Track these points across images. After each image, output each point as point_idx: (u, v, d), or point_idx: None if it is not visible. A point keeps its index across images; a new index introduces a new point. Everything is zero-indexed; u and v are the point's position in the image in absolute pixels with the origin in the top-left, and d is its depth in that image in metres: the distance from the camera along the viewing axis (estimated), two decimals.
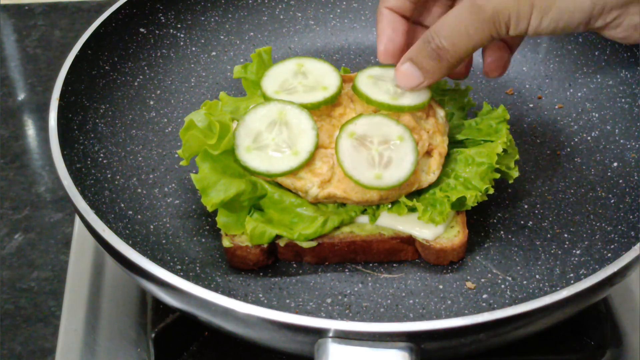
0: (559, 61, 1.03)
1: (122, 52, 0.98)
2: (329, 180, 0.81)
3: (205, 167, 0.80)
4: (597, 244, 0.84)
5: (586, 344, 0.85)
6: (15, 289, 0.95)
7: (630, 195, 0.87)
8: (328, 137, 0.82)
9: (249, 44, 1.07)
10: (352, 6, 1.11)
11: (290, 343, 0.71)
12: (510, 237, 0.86)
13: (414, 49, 0.80)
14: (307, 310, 0.79)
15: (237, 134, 0.82)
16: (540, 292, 0.80)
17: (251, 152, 0.81)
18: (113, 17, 0.97)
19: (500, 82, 1.04)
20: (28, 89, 1.23)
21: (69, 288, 0.90)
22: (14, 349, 0.89)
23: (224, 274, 0.82)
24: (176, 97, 1.00)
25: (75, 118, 0.88)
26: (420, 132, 0.83)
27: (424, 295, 0.81)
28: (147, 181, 0.90)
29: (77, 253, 0.93)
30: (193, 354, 0.84)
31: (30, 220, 1.02)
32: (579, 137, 0.96)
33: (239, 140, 0.82)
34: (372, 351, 0.66)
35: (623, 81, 0.96)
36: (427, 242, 0.82)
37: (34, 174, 1.09)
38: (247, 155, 0.81)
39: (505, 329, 0.69)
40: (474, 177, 0.83)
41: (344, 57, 1.08)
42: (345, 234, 0.83)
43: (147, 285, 0.74)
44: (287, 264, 0.84)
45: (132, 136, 0.94)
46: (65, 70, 0.89)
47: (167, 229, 0.85)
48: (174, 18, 1.04)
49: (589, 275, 0.71)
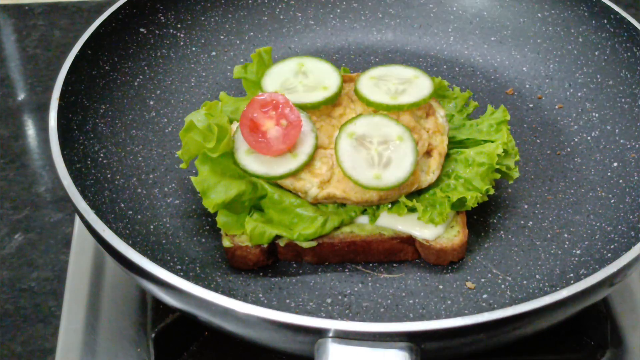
0: (559, 61, 1.03)
1: (122, 52, 0.98)
2: (329, 180, 0.81)
3: (205, 170, 0.80)
4: (597, 244, 0.84)
5: (586, 344, 0.85)
6: (15, 289, 0.95)
7: (630, 195, 0.87)
8: (327, 137, 0.82)
9: (249, 44, 1.07)
10: (352, 6, 1.11)
11: (290, 343, 0.71)
12: (510, 237, 0.86)
13: None
14: (307, 310, 0.79)
15: (237, 137, 0.82)
16: (540, 292, 0.80)
17: (250, 155, 0.81)
18: (113, 17, 0.97)
19: (500, 82, 1.04)
20: (28, 89, 1.23)
21: (69, 288, 0.90)
22: (14, 349, 0.89)
23: (224, 274, 0.82)
24: (176, 97, 1.00)
25: (75, 118, 0.88)
26: (420, 132, 0.83)
27: (424, 295, 0.81)
28: (147, 181, 0.90)
29: (77, 253, 0.93)
30: (193, 354, 0.84)
31: (30, 220, 1.02)
32: (579, 137, 0.96)
33: (238, 143, 0.82)
34: (372, 351, 0.66)
35: (623, 81, 0.96)
36: (427, 242, 0.82)
37: (34, 174, 1.09)
38: (247, 158, 0.81)
39: (505, 329, 0.69)
40: (475, 177, 0.83)
41: (344, 57, 1.08)
42: (345, 234, 0.83)
43: (147, 285, 0.74)
44: (287, 264, 0.84)
45: (132, 136, 0.94)
46: (65, 70, 0.89)
47: (167, 229, 0.85)
48: (174, 18, 1.04)
49: (589, 275, 0.71)
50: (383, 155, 0.80)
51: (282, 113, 0.80)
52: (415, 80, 0.86)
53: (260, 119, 0.80)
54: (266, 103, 0.80)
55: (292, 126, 0.79)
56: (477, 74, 1.05)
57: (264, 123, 0.80)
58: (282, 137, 0.79)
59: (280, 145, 0.79)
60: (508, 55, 1.05)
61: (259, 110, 0.80)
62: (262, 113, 0.80)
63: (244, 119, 0.80)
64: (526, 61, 1.05)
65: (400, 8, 1.11)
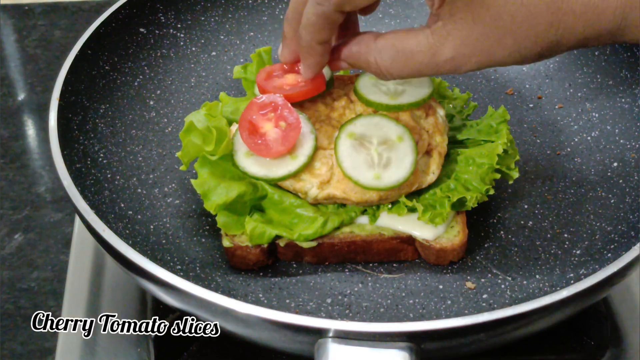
0: (559, 61, 1.03)
1: (122, 52, 0.98)
2: (328, 181, 0.81)
3: (205, 172, 0.81)
4: (597, 244, 0.84)
5: (586, 344, 0.85)
6: (15, 289, 0.95)
7: (630, 195, 0.87)
8: (327, 138, 0.82)
9: (249, 44, 1.07)
10: None
11: (290, 343, 0.71)
12: (510, 237, 0.86)
13: (353, 50, 0.74)
14: (307, 310, 0.79)
15: (236, 140, 0.82)
16: (540, 292, 0.80)
17: (250, 158, 0.81)
18: (113, 17, 0.97)
19: (500, 82, 1.04)
20: (28, 89, 1.23)
21: (69, 288, 0.90)
22: (14, 349, 0.89)
23: (224, 274, 0.82)
24: (176, 97, 1.00)
25: (75, 118, 0.88)
26: (420, 132, 0.83)
27: (424, 295, 0.81)
28: (147, 181, 0.90)
29: (77, 253, 0.93)
30: (193, 354, 0.84)
31: (30, 220, 1.02)
32: (579, 137, 0.96)
33: (237, 145, 0.82)
34: (372, 351, 0.66)
35: (623, 81, 0.96)
36: (427, 242, 0.82)
37: (34, 174, 1.09)
38: (246, 160, 0.81)
39: (505, 329, 0.69)
40: (475, 178, 0.83)
41: None
42: (345, 234, 0.83)
43: (147, 285, 0.74)
44: (287, 264, 0.84)
45: (132, 136, 0.94)
46: (65, 70, 0.89)
47: (167, 229, 0.85)
48: (174, 18, 1.04)
49: (589, 275, 0.71)
50: (383, 156, 0.80)
51: (280, 115, 0.80)
52: (415, 80, 0.86)
53: (259, 121, 0.80)
54: (265, 105, 0.80)
55: (291, 128, 0.79)
56: (477, 74, 1.05)
57: (263, 125, 0.80)
58: (281, 139, 0.79)
59: (279, 147, 0.79)
60: None
61: (258, 113, 0.80)
62: (261, 115, 0.80)
63: (243, 122, 0.80)
64: None
65: (400, 8, 1.11)
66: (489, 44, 0.69)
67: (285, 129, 0.79)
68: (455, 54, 0.69)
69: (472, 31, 0.68)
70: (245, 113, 0.80)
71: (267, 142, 0.79)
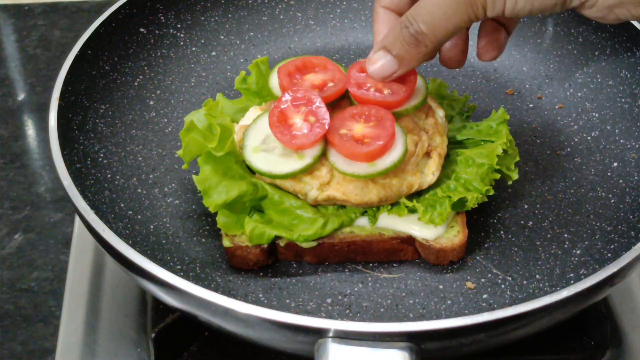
0: (559, 61, 1.03)
1: (122, 52, 0.98)
2: (328, 182, 0.81)
3: (207, 169, 0.80)
4: (597, 244, 0.84)
5: (586, 344, 0.85)
6: (15, 289, 0.95)
7: (630, 195, 0.87)
8: None
9: (249, 44, 1.07)
10: (352, 6, 1.11)
11: (290, 343, 0.71)
12: (510, 237, 0.86)
13: (389, 36, 0.78)
14: (307, 310, 0.79)
15: (247, 135, 0.82)
16: (540, 292, 0.80)
17: (258, 153, 0.81)
18: (113, 17, 0.97)
19: (500, 82, 1.04)
20: (28, 89, 1.23)
21: (69, 288, 0.90)
22: (14, 349, 0.89)
23: (224, 274, 0.82)
24: (176, 97, 1.00)
25: (75, 118, 0.88)
26: (420, 133, 0.83)
27: (424, 295, 0.81)
28: (147, 181, 0.90)
29: (77, 253, 0.93)
30: (193, 354, 0.84)
31: (30, 220, 1.02)
32: (579, 137, 0.96)
33: (247, 140, 0.82)
34: (372, 351, 0.66)
35: (623, 81, 0.96)
36: (427, 242, 0.82)
37: (34, 174, 1.09)
38: (254, 155, 0.81)
39: (505, 329, 0.69)
40: (475, 178, 0.83)
41: (344, 57, 1.08)
42: (346, 234, 0.83)
43: (147, 285, 0.74)
44: (287, 264, 0.84)
45: (132, 136, 0.94)
46: (65, 70, 0.89)
47: (167, 229, 0.85)
48: (174, 18, 1.04)
49: (589, 275, 0.71)
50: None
51: (311, 111, 0.80)
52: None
53: (290, 111, 0.81)
54: (299, 98, 0.81)
55: (319, 124, 0.80)
56: (477, 74, 1.05)
57: (293, 116, 0.81)
58: (308, 132, 0.80)
59: (304, 140, 0.79)
60: (508, 55, 1.05)
61: (291, 104, 0.81)
62: (293, 107, 0.81)
63: (275, 109, 0.81)
64: (526, 61, 1.05)
65: None
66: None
67: (313, 124, 0.80)
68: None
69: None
70: (278, 102, 0.81)
71: (292, 133, 0.80)
